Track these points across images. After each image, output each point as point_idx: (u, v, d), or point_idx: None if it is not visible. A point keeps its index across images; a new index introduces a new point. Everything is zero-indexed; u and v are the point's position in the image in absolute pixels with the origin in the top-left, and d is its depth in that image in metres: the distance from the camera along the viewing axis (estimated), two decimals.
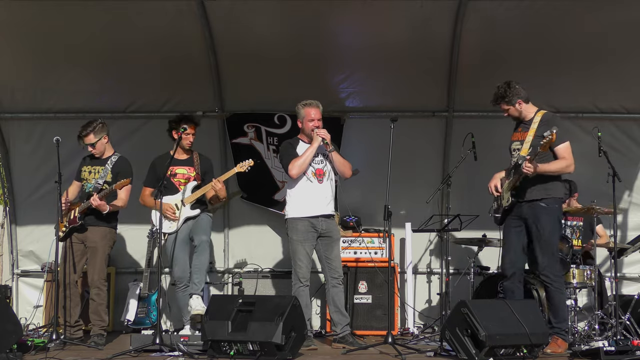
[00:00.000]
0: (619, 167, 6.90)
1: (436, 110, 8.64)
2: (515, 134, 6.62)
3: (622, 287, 8.23)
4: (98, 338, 6.91)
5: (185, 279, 7.07)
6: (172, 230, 7.10)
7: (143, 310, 7.94)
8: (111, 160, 7.09)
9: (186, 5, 7.52)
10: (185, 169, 7.22)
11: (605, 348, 5.97)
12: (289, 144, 7.02)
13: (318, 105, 6.94)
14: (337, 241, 7.01)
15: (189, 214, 7.11)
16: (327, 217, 6.92)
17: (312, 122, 6.88)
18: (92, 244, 7.00)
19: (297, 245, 6.86)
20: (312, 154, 6.85)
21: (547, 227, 6.41)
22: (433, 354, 6.22)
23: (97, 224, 6.99)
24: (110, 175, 7.01)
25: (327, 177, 6.95)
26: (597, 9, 7.38)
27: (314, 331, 6.96)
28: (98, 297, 6.99)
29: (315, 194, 6.88)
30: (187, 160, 7.25)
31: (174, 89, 8.47)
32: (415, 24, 7.77)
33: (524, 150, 6.39)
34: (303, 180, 6.90)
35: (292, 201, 6.95)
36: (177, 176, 7.20)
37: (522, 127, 6.56)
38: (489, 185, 6.64)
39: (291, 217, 6.91)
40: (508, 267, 6.55)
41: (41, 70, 8.17)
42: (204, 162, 7.31)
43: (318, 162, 6.94)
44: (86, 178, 7.09)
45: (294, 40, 7.92)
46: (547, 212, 6.41)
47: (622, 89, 8.30)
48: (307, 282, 6.87)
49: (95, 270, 6.98)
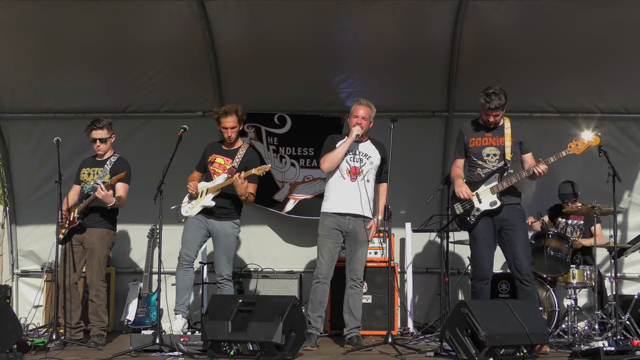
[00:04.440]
0: (619, 167, 6.89)
1: (436, 110, 8.64)
2: (482, 140, 6.64)
3: (622, 287, 8.23)
4: (98, 338, 6.90)
5: (189, 259, 7.02)
6: (187, 214, 7.12)
7: (143, 310, 7.94)
8: (110, 161, 7.12)
9: (186, 5, 7.52)
10: (224, 159, 7.21)
11: (605, 348, 5.97)
12: (332, 138, 7.03)
13: (369, 105, 6.90)
14: (362, 244, 6.89)
15: (206, 203, 7.05)
16: (356, 217, 6.84)
17: (356, 119, 6.85)
18: (90, 245, 6.99)
19: (320, 240, 6.88)
20: (345, 149, 6.82)
21: (526, 229, 6.70)
22: (433, 354, 6.23)
23: (96, 225, 7.00)
24: (108, 175, 7.01)
25: (363, 177, 6.89)
26: (597, 9, 7.38)
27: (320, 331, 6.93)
28: (97, 298, 6.99)
29: (345, 191, 6.85)
30: (230, 151, 7.22)
31: (174, 89, 8.47)
32: (416, 23, 7.77)
33: (508, 155, 6.52)
34: (336, 175, 6.90)
35: (325, 196, 6.98)
36: (214, 165, 7.21)
37: (493, 132, 6.62)
38: (461, 191, 6.60)
39: (322, 211, 6.94)
40: (488, 269, 6.60)
41: (41, 70, 8.17)
42: (249, 154, 7.26)
43: (356, 161, 6.90)
44: (85, 180, 7.10)
45: (294, 40, 7.92)
46: (524, 216, 6.74)
47: (622, 89, 8.30)
48: (325, 279, 6.84)
49: (93, 271, 6.97)
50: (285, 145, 8.64)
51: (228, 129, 7.14)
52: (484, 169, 6.63)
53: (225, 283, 7.04)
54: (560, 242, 7.52)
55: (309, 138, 8.52)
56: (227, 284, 7.04)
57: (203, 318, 6.36)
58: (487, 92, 6.53)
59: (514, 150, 6.57)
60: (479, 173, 6.65)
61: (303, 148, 8.63)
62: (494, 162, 6.60)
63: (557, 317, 7.49)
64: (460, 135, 6.82)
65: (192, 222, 7.10)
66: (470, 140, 6.71)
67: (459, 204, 6.69)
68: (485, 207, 6.55)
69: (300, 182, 8.63)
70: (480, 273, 6.59)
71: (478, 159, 6.66)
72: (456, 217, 6.74)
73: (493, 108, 6.51)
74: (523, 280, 6.49)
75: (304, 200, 8.56)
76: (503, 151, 6.57)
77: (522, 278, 6.49)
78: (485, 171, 6.63)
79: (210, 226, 7.09)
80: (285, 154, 8.64)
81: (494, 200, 6.53)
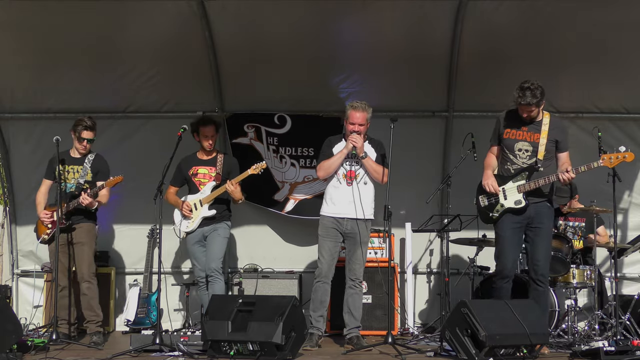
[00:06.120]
0: (619, 167, 6.89)
1: (436, 110, 8.63)
2: (517, 132, 6.48)
3: (622, 287, 8.22)
4: (97, 337, 6.95)
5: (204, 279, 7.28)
6: (190, 229, 7.33)
7: (143, 310, 7.94)
8: (88, 159, 7.21)
9: (186, 5, 7.51)
10: (206, 169, 7.42)
11: (605, 348, 5.97)
12: (329, 141, 7.04)
13: (365, 109, 6.84)
14: (362, 244, 6.90)
15: (206, 214, 7.29)
16: (354, 219, 6.87)
17: (353, 126, 6.83)
18: (79, 240, 7.11)
19: (320, 240, 6.92)
20: (341, 158, 6.86)
21: (550, 228, 6.56)
22: (433, 354, 6.23)
23: (82, 221, 7.14)
24: (90, 174, 7.14)
25: (360, 180, 6.91)
26: (597, 10, 7.37)
27: (321, 331, 6.93)
28: (90, 290, 7.07)
29: (341, 196, 6.89)
30: (209, 160, 7.44)
31: (174, 89, 8.46)
32: (416, 23, 7.76)
33: (540, 153, 6.36)
34: (333, 180, 6.94)
35: (324, 198, 7.02)
36: (198, 176, 7.41)
37: (529, 127, 6.45)
38: (488, 184, 6.56)
39: (320, 213, 6.99)
40: (511, 268, 6.53)
41: (41, 70, 8.17)
42: (228, 162, 7.49)
43: (351, 165, 6.92)
44: (65, 178, 7.16)
45: (294, 40, 7.92)
46: (552, 213, 6.56)
47: (622, 89, 8.29)
48: (325, 279, 6.87)
49: (84, 264, 7.09)
50: (285, 145, 8.63)
51: (208, 138, 7.39)
52: (514, 165, 6.48)
53: (216, 276, 7.18)
54: (560, 242, 7.51)
55: (309, 138, 8.51)
56: (217, 277, 7.18)
57: (203, 318, 6.35)
58: (522, 87, 6.29)
59: (548, 149, 6.38)
60: (509, 168, 6.51)
61: (303, 148, 8.62)
62: (525, 158, 6.45)
63: (557, 317, 7.48)
64: (497, 123, 6.62)
65: (191, 238, 7.35)
66: (505, 130, 6.51)
67: (484, 197, 6.58)
68: (510, 205, 6.45)
69: (300, 182, 8.62)
70: (502, 271, 6.51)
71: (509, 152, 6.49)
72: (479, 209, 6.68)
73: (525, 104, 6.29)
74: (537, 280, 6.44)
75: (304, 200, 8.56)
76: (537, 148, 6.40)
77: (535, 278, 6.44)
78: (515, 167, 6.48)
79: (206, 233, 7.33)
80: (285, 154, 8.64)
81: (519, 200, 6.42)
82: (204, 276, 7.28)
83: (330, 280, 6.91)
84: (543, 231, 6.46)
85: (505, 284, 6.50)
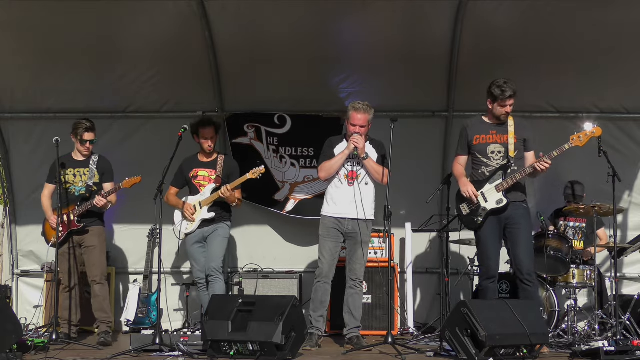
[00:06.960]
0: (619, 167, 6.90)
1: (436, 110, 8.63)
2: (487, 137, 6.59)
3: (622, 287, 8.22)
4: (106, 335, 7.00)
5: (203, 280, 7.29)
6: (189, 231, 7.35)
7: (143, 310, 7.95)
8: (93, 160, 7.24)
9: (186, 5, 7.51)
10: (206, 171, 7.45)
11: (605, 348, 5.97)
12: (330, 142, 7.03)
13: (367, 111, 6.82)
14: (363, 244, 6.88)
15: (205, 216, 7.33)
16: (355, 220, 6.86)
17: (354, 128, 6.82)
18: (91, 243, 7.15)
19: (321, 241, 6.92)
20: (343, 160, 6.85)
21: (530, 228, 6.68)
22: (433, 354, 6.23)
23: (93, 224, 7.18)
24: (97, 176, 7.18)
25: (361, 180, 6.90)
26: (597, 10, 7.38)
27: (321, 331, 6.93)
28: (102, 292, 7.14)
29: (342, 196, 6.88)
30: (209, 162, 7.47)
31: (174, 89, 8.46)
32: (416, 23, 7.77)
33: (511, 152, 6.50)
34: (335, 180, 6.93)
35: (325, 199, 7.01)
36: (198, 178, 7.44)
37: (497, 129, 6.58)
38: (467, 190, 6.57)
39: (321, 214, 6.98)
40: (495, 268, 6.59)
41: (41, 70, 8.17)
42: (228, 165, 7.50)
43: (353, 165, 6.91)
44: (72, 181, 7.19)
45: (294, 40, 7.92)
46: (529, 214, 6.68)
47: (622, 89, 8.29)
48: (326, 279, 6.86)
49: (97, 266, 7.14)
50: (285, 145, 8.63)
51: (208, 139, 7.40)
52: (489, 167, 6.58)
53: (216, 276, 7.19)
54: (560, 242, 7.51)
55: (309, 138, 8.51)
56: (217, 276, 7.20)
57: (203, 318, 6.36)
58: (498, 84, 6.50)
59: (517, 148, 6.54)
60: (483, 172, 6.60)
61: (303, 148, 8.63)
62: (498, 159, 6.55)
63: (557, 317, 7.48)
64: (463, 132, 6.74)
65: (191, 239, 7.36)
66: (474, 137, 6.64)
67: (465, 205, 6.65)
68: (492, 206, 6.50)
69: (300, 182, 8.63)
70: (487, 272, 6.58)
71: (482, 157, 6.60)
72: (462, 218, 6.70)
73: (509, 96, 6.47)
74: (524, 279, 6.46)
75: (304, 200, 8.56)
76: (507, 148, 6.53)
77: (522, 277, 6.46)
78: (489, 169, 6.57)
79: (206, 234, 7.34)
80: (286, 154, 8.64)
81: (500, 199, 6.49)
82: (203, 277, 7.28)
83: (331, 280, 6.92)
84: (521, 231, 6.51)
85: (492, 284, 6.57)
